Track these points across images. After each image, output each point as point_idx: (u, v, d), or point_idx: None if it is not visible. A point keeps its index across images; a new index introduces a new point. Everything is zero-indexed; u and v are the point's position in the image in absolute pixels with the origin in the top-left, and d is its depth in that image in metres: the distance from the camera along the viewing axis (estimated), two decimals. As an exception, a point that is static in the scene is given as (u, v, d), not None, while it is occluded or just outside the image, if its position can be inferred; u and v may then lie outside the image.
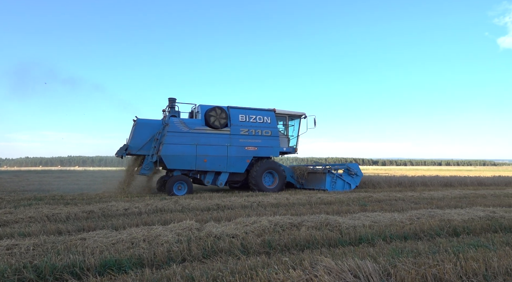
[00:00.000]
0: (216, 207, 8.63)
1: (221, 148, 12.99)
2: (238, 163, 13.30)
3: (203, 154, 12.69)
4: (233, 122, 13.31)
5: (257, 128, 13.64)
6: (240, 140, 13.32)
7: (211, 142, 12.86)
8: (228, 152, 13.08)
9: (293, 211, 7.94)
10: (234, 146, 13.21)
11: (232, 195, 11.45)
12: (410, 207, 8.72)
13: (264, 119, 13.84)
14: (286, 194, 11.44)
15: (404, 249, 4.55)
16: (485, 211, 7.59)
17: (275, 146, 13.94)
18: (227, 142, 13.09)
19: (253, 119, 13.67)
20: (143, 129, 12.44)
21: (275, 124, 14.15)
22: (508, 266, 3.80)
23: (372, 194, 11.59)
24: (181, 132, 12.48)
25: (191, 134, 12.60)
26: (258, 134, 13.62)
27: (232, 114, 13.39)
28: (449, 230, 5.84)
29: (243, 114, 13.57)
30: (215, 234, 5.19)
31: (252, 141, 13.48)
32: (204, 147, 12.73)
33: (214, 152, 12.89)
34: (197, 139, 12.65)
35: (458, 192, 12.76)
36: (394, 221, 6.46)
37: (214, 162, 12.88)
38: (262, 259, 4.06)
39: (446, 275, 3.50)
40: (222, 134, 13.03)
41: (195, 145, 12.58)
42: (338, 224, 6.02)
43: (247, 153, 13.40)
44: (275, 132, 14.04)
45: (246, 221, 6.04)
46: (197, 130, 12.71)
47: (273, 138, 13.90)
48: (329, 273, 3.42)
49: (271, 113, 14.10)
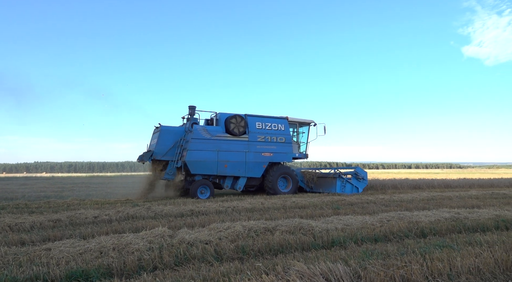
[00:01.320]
0: (190, 213, 8.51)
1: (240, 154, 13.70)
2: (256, 168, 14.03)
3: (224, 159, 13.36)
4: (250, 129, 14.03)
5: (272, 135, 14.45)
6: (257, 146, 14.08)
7: (231, 148, 13.55)
8: (247, 158, 13.84)
9: (268, 215, 7.96)
10: (252, 152, 13.97)
11: (207, 200, 11.34)
12: (381, 209, 8.96)
13: (278, 126, 14.67)
14: (261, 199, 11.46)
15: (374, 251, 4.66)
16: (451, 212, 7.92)
17: (288, 152, 14.74)
18: (245, 148, 13.84)
19: (269, 127, 14.48)
20: (167, 136, 12.97)
21: (289, 132, 14.97)
22: (471, 265, 3.98)
23: (345, 197, 11.82)
24: (203, 139, 13.10)
25: (213, 141, 13.25)
26: (273, 141, 14.43)
27: (249, 122, 14.09)
28: (417, 232, 6.05)
29: (260, 122, 14.34)
30: (188, 240, 5.12)
31: (268, 147, 14.27)
32: (225, 153, 13.41)
33: (234, 158, 13.57)
34: (218, 145, 13.31)
35: (426, 194, 13.26)
36: (366, 224, 6.61)
37: (234, 167, 13.55)
38: (236, 265, 4.04)
39: (413, 275, 3.62)
40: (241, 141, 13.75)
41: (216, 151, 13.26)
42: (311, 227, 6.09)
43: (263, 158, 14.19)
44: (289, 139, 14.85)
45: (220, 227, 6.00)
46: (218, 137, 13.37)
47: (287, 145, 14.74)
48: (302, 277, 3.45)
49: (285, 121, 14.93)
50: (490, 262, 4.09)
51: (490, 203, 10.16)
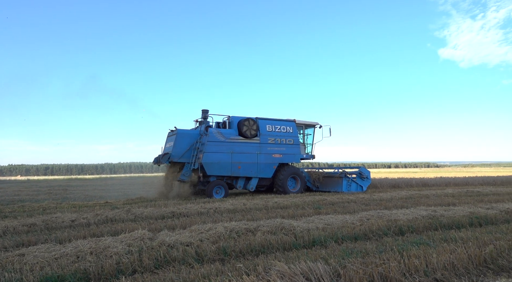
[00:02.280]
0: (171, 215, 8.41)
1: (252, 156, 14.31)
2: (267, 169, 14.63)
3: (238, 161, 13.95)
4: (261, 132, 14.59)
5: (282, 138, 15.05)
6: (268, 148, 14.69)
7: (244, 150, 14.13)
8: (258, 159, 14.45)
9: (250, 216, 7.95)
10: (263, 154, 14.57)
11: (188, 202, 11.23)
12: (361, 208, 9.11)
13: (287, 129, 15.28)
14: (243, 199, 11.45)
15: (354, 249, 4.73)
16: (428, 210, 8.14)
17: (296, 153, 15.39)
18: (257, 150, 14.43)
19: (278, 129, 15.08)
20: (183, 139, 13.40)
21: (296, 134, 15.61)
22: (446, 261, 4.09)
23: (327, 197, 11.96)
24: (218, 142, 13.65)
25: (227, 144, 13.82)
26: (282, 143, 15.03)
27: (260, 125, 14.63)
28: (395, 230, 6.19)
29: (270, 124, 14.94)
30: (168, 243, 5.05)
31: (277, 149, 14.89)
32: (238, 154, 13.99)
33: (247, 159, 14.18)
34: (232, 148, 13.89)
35: (404, 193, 13.57)
36: (346, 223, 6.71)
37: (246, 168, 14.15)
38: (216, 267, 4.01)
39: (391, 272, 3.69)
40: (253, 143, 14.33)
41: (230, 153, 13.83)
42: (293, 227, 6.13)
43: (274, 159, 14.80)
44: (297, 140, 15.49)
45: (201, 228, 5.95)
46: (232, 140, 13.95)
47: (295, 146, 15.37)
48: (282, 277, 3.47)
49: (292, 124, 15.55)
50: (464, 258, 4.22)
51: (465, 201, 10.50)
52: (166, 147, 14.12)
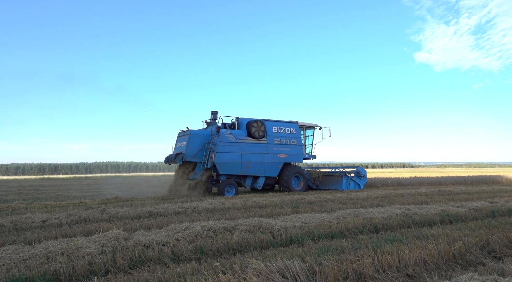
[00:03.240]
0: (148, 215, 8.26)
1: (260, 156, 15.02)
2: (273, 168, 15.37)
3: (247, 160, 14.65)
4: (268, 133, 15.31)
5: (286, 138, 15.81)
6: (274, 148, 15.41)
7: (253, 150, 14.84)
8: (265, 159, 15.17)
9: (228, 215, 7.92)
10: (270, 154, 15.29)
11: (166, 201, 11.07)
12: (338, 207, 9.25)
13: (290, 130, 16.05)
14: (222, 199, 11.39)
15: (330, 247, 4.80)
16: (402, 208, 8.37)
17: (299, 153, 16.18)
18: (264, 150, 15.15)
19: (283, 131, 15.83)
20: (195, 139, 14.02)
21: (299, 135, 16.41)
22: (417, 257, 4.21)
23: (305, 196, 12.08)
24: (229, 142, 14.30)
25: (237, 144, 14.50)
26: (287, 143, 15.80)
27: (267, 126, 15.35)
28: (370, 227, 6.32)
29: (275, 126, 15.67)
30: (144, 242, 4.96)
31: (282, 149, 15.62)
32: (247, 154, 14.69)
33: (255, 159, 14.89)
34: (242, 148, 14.58)
35: (380, 192, 13.90)
36: (323, 221, 6.80)
37: (255, 167, 14.86)
38: (193, 266, 3.97)
39: (365, 269, 3.77)
40: (260, 144, 15.04)
41: (240, 153, 14.52)
42: (270, 226, 6.15)
43: (279, 159, 15.53)
44: (300, 141, 16.31)
45: (178, 228, 5.88)
46: (241, 141, 14.64)
47: (298, 147, 16.17)
48: (258, 275, 3.47)
49: (296, 125, 16.32)
50: (434, 254, 4.36)
51: (437, 199, 10.87)
52: (178, 147, 14.76)
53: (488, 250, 4.73)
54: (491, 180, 22.90)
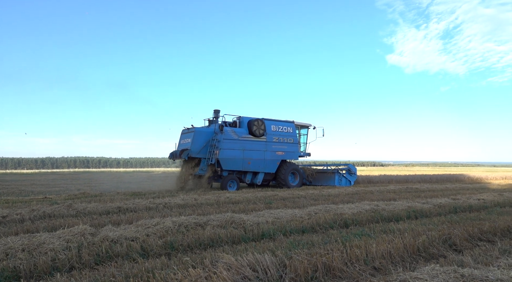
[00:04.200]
0: (117, 210, 8.03)
1: (260, 153, 15.72)
2: (271, 165, 16.13)
3: (248, 157, 15.35)
4: (268, 131, 16.04)
5: (284, 137, 16.56)
6: (273, 146, 16.14)
7: (253, 148, 15.52)
8: (265, 156, 15.88)
9: (200, 211, 7.85)
10: (269, 151, 16.01)
11: (136, 197, 10.81)
12: (310, 203, 9.39)
13: (287, 129, 16.79)
14: (194, 195, 11.27)
15: (301, 241, 4.86)
16: (371, 204, 8.61)
17: (295, 151, 16.97)
18: (264, 147, 15.84)
19: (281, 129, 16.56)
20: (200, 136, 14.52)
21: (296, 133, 17.18)
22: (384, 250, 4.35)
23: (278, 193, 12.17)
24: (232, 140, 14.97)
25: (240, 141, 15.18)
26: (284, 141, 16.54)
27: (267, 125, 16.04)
28: (340, 223, 6.46)
29: (274, 125, 16.40)
30: (112, 238, 4.81)
31: (280, 147, 16.35)
32: (249, 151, 15.38)
33: (256, 156, 15.60)
34: (243, 145, 15.25)
35: (351, 189, 14.25)
36: (295, 217, 6.87)
37: (255, 164, 15.59)
38: (162, 261, 3.89)
39: (334, 262, 3.84)
40: (260, 142, 15.76)
41: (242, 150, 15.20)
42: (242, 221, 6.15)
43: (277, 156, 16.27)
44: (296, 140, 17.09)
45: (149, 223, 5.75)
46: (243, 138, 15.31)
47: (295, 145, 16.95)
48: (229, 269, 3.45)
49: (292, 124, 17.10)
50: (400, 247, 4.52)
51: (404, 196, 11.27)
52: (182, 143, 15.28)
53: (450, 244, 4.96)
54: (455, 179, 24.05)
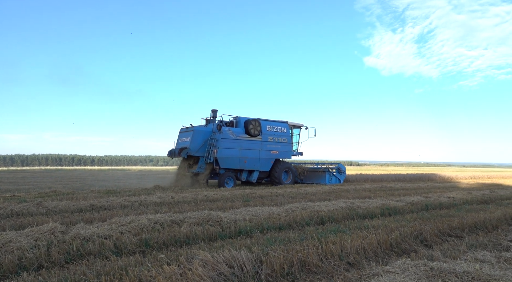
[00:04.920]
0: (91, 208, 7.80)
1: (255, 152, 16.20)
2: (266, 164, 16.63)
3: (244, 156, 15.82)
4: (263, 131, 16.53)
5: (278, 137, 17.11)
6: (268, 145, 16.63)
7: (249, 147, 16.00)
8: (260, 155, 16.36)
9: (177, 209, 7.74)
10: (264, 150, 16.50)
11: (111, 195, 10.55)
12: (287, 201, 9.46)
13: (281, 129, 17.33)
14: (171, 193, 11.11)
15: (277, 238, 4.88)
16: (347, 202, 8.77)
17: (289, 150, 17.55)
18: (259, 147, 16.33)
19: (275, 129, 17.10)
20: (198, 135, 14.98)
21: (289, 133, 17.73)
22: (358, 246, 4.44)
23: (256, 191, 12.19)
24: (230, 139, 15.43)
25: (237, 141, 15.64)
26: (279, 141, 17.08)
27: (262, 125, 16.50)
28: (317, 220, 6.54)
29: (269, 125, 16.88)
30: (83, 236, 4.66)
31: (274, 146, 16.89)
32: (245, 150, 15.86)
33: (251, 155, 16.07)
34: (240, 144, 15.72)
35: (328, 187, 14.46)
36: (272, 214, 6.90)
37: (251, 162, 16.07)
38: (136, 258, 3.81)
39: (310, 257, 3.88)
40: (256, 141, 16.24)
41: (239, 149, 15.65)
42: (220, 219, 6.11)
43: (272, 155, 16.79)
44: (289, 139, 17.65)
45: (123, 221, 5.62)
46: (240, 138, 15.79)
47: (288, 144, 17.51)
48: (204, 265, 3.42)
49: (286, 125, 17.63)
50: (374, 243, 4.62)
51: (379, 194, 11.56)
52: (180, 142, 15.63)
53: (421, 239, 5.12)
54: (427, 178, 24.89)
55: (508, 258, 3.88)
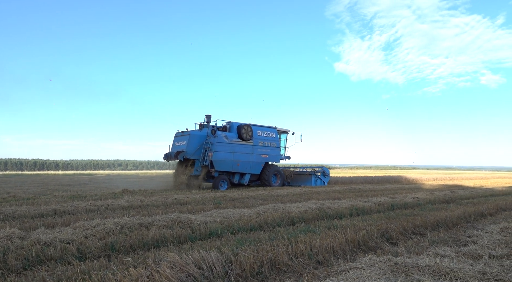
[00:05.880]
0: (53, 213, 7.43)
1: (247, 155, 16.96)
2: (257, 167, 17.44)
3: (237, 159, 16.55)
4: (254, 136, 17.34)
5: (268, 141, 17.96)
6: (259, 150, 17.43)
7: (242, 151, 16.75)
8: (251, 158, 17.12)
9: (146, 212, 7.54)
10: (255, 154, 17.28)
11: (75, 199, 10.11)
12: (259, 203, 9.48)
13: (271, 134, 18.23)
14: (140, 196, 10.82)
15: (248, 239, 4.87)
16: (317, 203, 8.91)
17: (278, 154, 18.53)
18: (251, 150, 17.09)
19: (265, 134, 17.94)
20: (194, 139, 15.58)
21: (278, 138, 18.69)
22: (327, 245, 4.51)
23: (228, 194, 12.12)
24: (224, 143, 16.13)
25: (230, 145, 16.37)
26: (268, 145, 17.95)
27: (254, 130, 17.33)
28: (288, 221, 6.59)
29: (260, 130, 17.71)
30: (44, 241, 4.43)
31: (265, 150, 17.72)
32: (238, 154, 16.60)
33: (244, 158, 16.81)
34: (233, 148, 16.44)
35: (299, 190, 14.64)
36: (243, 216, 6.88)
37: (243, 165, 16.83)
38: (101, 262, 3.67)
39: (280, 257, 3.90)
40: (248, 145, 17.00)
41: (232, 152, 16.38)
42: (190, 221, 6.02)
43: (262, 159, 17.62)
44: (278, 144, 18.66)
45: (88, 225, 5.39)
46: (233, 142, 16.54)
47: (277, 149, 18.50)
48: (173, 267, 3.35)
49: (275, 130, 18.55)
50: (342, 242, 4.72)
51: (348, 196, 11.84)
52: (176, 146, 16.23)
53: (387, 237, 5.29)
54: (394, 180, 25.81)
55: (466, 252, 4.09)
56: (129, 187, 15.57)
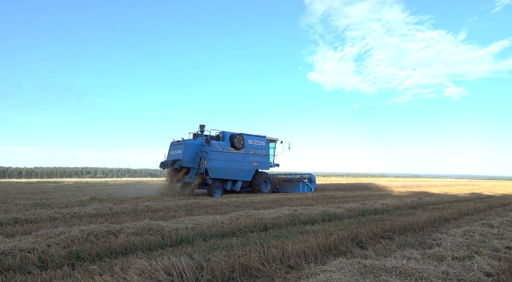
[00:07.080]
0: (13, 222, 7.02)
1: (239, 163, 17.61)
2: (248, 174, 18.13)
3: (230, 167, 17.16)
4: (246, 145, 17.98)
5: (258, 150, 18.66)
6: (250, 158, 18.08)
7: (234, 159, 17.36)
8: (243, 166, 17.77)
9: (115, 219, 7.29)
10: (246, 162, 17.92)
11: (39, 207, 9.62)
12: (232, 209, 9.41)
13: (261, 143, 18.92)
14: (109, 203, 10.45)
15: (220, 245, 4.82)
16: (290, 209, 8.97)
17: (267, 162, 19.22)
18: (242, 159, 17.74)
19: (256, 143, 18.61)
20: (190, 148, 16.11)
21: (267, 147, 19.42)
22: (299, 249, 4.54)
23: (201, 201, 11.96)
24: (218, 152, 16.73)
25: (224, 153, 16.98)
26: (259, 154, 18.65)
27: (245, 139, 17.93)
28: (260, 227, 6.58)
29: (251, 139, 18.40)
30: (2, 250, 4.17)
31: (255, 158, 18.40)
32: (231, 162, 17.19)
33: (236, 166, 17.45)
34: (226, 156, 17.05)
35: (272, 196, 14.68)
36: (216, 222, 6.81)
37: (236, 173, 17.46)
38: (64, 271, 3.50)
39: (251, 262, 3.88)
40: (240, 154, 17.67)
41: (225, 160, 16.97)
42: (161, 228, 5.88)
43: (253, 167, 18.30)
44: (268, 152, 19.30)
45: (51, 233, 5.14)
46: (226, 150, 17.14)
47: (267, 157, 19.20)
48: (141, 274, 3.25)
49: (264, 139, 19.29)
50: (314, 246, 4.76)
51: (321, 202, 12.00)
52: (171, 154, 16.69)
53: (357, 241, 5.39)
54: (364, 187, 26.46)
55: (431, 254, 4.24)
56: (97, 194, 15.02)
